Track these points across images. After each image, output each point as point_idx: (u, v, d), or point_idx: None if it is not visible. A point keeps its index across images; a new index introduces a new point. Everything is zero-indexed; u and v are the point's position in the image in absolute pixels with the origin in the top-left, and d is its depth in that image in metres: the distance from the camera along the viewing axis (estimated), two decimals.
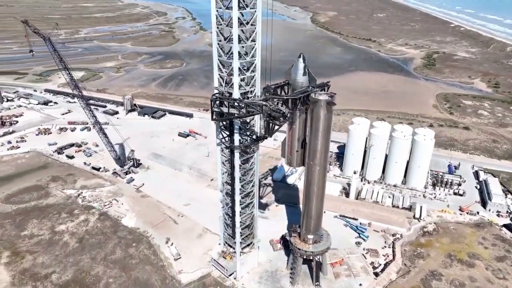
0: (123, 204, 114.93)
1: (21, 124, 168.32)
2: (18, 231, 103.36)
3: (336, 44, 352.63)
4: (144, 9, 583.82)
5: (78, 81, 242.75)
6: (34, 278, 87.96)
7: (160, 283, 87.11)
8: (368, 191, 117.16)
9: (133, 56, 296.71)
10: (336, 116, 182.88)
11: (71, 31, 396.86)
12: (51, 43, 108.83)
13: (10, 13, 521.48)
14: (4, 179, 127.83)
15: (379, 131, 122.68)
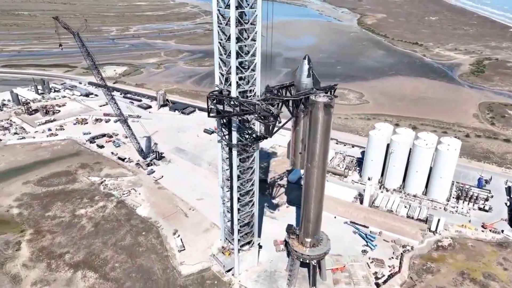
0: (140, 194, 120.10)
1: (62, 114, 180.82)
2: (44, 211, 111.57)
3: (379, 47, 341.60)
4: (193, 8, 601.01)
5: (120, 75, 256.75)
6: (50, 256, 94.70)
7: (161, 272, 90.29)
8: (383, 199, 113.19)
9: (175, 54, 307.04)
10: (365, 120, 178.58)
11: (122, 28, 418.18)
12: (79, 38, 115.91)
13: (71, 10, 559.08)
14: (40, 163, 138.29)
15: (400, 138, 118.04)
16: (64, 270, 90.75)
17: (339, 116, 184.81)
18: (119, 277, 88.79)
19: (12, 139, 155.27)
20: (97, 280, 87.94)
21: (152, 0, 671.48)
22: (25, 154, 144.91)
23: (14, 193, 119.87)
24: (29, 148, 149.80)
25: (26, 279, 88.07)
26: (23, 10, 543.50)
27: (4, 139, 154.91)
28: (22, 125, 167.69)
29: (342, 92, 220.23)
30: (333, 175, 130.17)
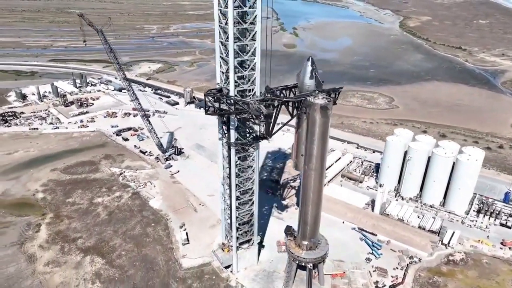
0: (155, 186, 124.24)
1: (95, 106, 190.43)
2: (65, 198, 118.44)
3: (418, 51, 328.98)
4: None
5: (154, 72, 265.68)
6: (64, 240, 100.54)
7: (163, 263, 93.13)
8: (395, 208, 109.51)
9: (209, 52, 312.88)
10: (391, 126, 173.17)
11: (163, 27, 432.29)
12: (103, 35, 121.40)
13: (118, 9, 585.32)
14: (69, 152, 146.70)
15: (419, 145, 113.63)
16: (75, 253, 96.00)
17: (364, 120, 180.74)
18: (123, 264, 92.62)
19: (47, 128, 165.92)
20: (103, 265, 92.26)
21: (195, 0, 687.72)
22: (56, 143, 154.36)
23: (42, 179, 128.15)
24: (61, 137, 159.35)
25: (41, 259, 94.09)
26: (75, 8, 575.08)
27: (40, 128, 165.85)
28: (58, 115, 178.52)
29: (371, 96, 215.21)
30: (348, 179, 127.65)
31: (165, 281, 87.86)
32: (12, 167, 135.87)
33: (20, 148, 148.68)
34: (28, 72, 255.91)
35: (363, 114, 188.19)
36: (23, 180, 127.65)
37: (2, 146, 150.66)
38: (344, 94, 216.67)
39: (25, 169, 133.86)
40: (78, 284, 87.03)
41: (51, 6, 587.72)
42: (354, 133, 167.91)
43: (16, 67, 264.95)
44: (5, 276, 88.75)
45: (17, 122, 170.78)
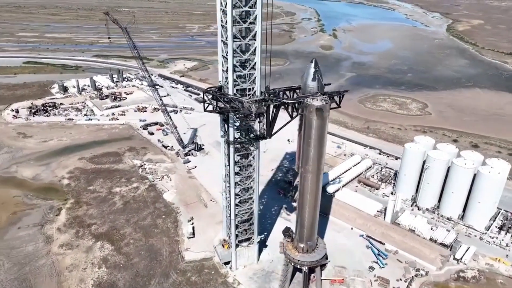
0: (171, 180, 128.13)
1: (128, 101, 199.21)
2: (87, 185, 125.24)
3: (463, 56, 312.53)
4: (276, 9, 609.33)
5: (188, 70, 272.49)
6: (80, 225, 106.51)
7: (167, 254, 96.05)
8: (408, 217, 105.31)
9: None
10: (420, 133, 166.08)
11: (204, 26, 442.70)
12: (127, 32, 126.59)
13: (164, 8, 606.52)
14: (97, 143, 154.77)
15: (438, 154, 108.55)
16: (88, 238, 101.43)
17: (392, 126, 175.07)
18: (130, 252, 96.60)
19: (81, 119, 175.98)
20: (111, 252, 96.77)
21: None
22: (88, 134, 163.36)
23: (69, 166, 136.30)
24: (92, 128, 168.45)
25: (56, 241, 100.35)
26: (124, 7, 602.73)
27: (75, 119, 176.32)
28: (92, 108, 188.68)
29: (403, 101, 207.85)
30: (365, 185, 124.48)
31: (166, 272, 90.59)
32: (45, 154, 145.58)
33: (55, 137, 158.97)
34: (73, 66, 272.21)
35: (392, 120, 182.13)
36: (52, 166, 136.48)
37: (40, 134, 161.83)
38: (375, 98, 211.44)
39: (56, 157, 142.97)
40: (86, 267, 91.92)
41: (104, 5, 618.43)
42: (379, 138, 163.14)
43: (63, 61, 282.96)
44: (23, 254, 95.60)
45: (55, 112, 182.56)
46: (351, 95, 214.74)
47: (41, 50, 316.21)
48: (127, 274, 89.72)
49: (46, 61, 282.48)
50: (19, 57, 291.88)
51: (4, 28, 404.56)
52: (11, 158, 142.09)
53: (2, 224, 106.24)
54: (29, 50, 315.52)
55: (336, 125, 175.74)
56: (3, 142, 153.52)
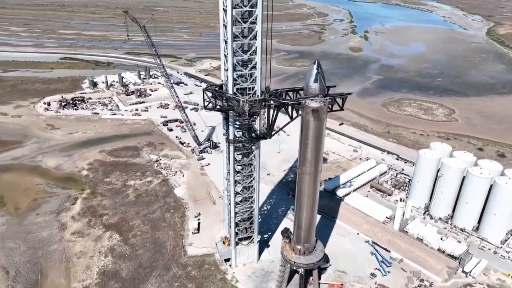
0: (184, 176, 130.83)
1: (152, 97, 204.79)
2: (104, 177, 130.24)
3: (501, 61, 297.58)
4: (309, 10, 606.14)
5: (214, 69, 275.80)
6: (92, 214, 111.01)
7: (170, 248, 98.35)
8: (417, 226, 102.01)
9: (273, 52, 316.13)
10: (443, 140, 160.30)
11: None
12: (146, 31, 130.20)
13: (198, 7, 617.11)
14: (119, 137, 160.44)
15: (453, 162, 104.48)
16: (98, 228, 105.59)
17: (414, 131, 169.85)
18: (136, 243, 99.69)
19: (106, 114, 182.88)
20: (119, 242, 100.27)
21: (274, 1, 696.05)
22: (111, 128, 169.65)
23: (89, 158, 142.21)
24: (116, 123, 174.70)
25: (69, 228, 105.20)
26: (160, 6, 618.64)
27: (100, 113, 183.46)
28: (118, 103, 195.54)
29: (429, 106, 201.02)
30: (377, 191, 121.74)
31: (168, 265, 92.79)
32: (70, 145, 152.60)
33: (80, 130, 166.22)
34: (105, 62, 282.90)
35: (415, 125, 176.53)
36: (74, 157, 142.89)
37: (67, 126, 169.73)
38: (399, 102, 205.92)
39: (79, 148, 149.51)
40: (93, 255, 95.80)
41: (141, 4, 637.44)
42: (399, 143, 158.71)
43: (96, 57, 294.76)
44: (38, 239, 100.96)
45: (83, 106, 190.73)
46: (375, 98, 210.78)
47: (78, 47, 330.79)
48: (130, 265, 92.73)
49: (81, 57, 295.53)
50: (57, 53, 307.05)
51: (47, 26, 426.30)
52: (38, 148, 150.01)
53: (23, 210, 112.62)
54: (67, 46, 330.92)
55: (355, 128, 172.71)
56: (33, 133, 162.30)
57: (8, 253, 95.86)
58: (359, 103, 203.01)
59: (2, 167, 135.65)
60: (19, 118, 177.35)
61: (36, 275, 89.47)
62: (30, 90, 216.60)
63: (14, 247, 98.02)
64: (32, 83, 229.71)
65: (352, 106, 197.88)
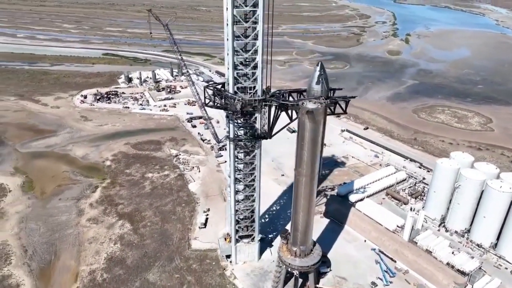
0: (199, 172, 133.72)
1: (181, 94, 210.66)
2: (124, 168, 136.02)
3: None
4: (351, 11, 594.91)
5: None
6: (109, 203, 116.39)
7: (176, 240, 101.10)
8: (428, 237, 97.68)
9: (305, 54, 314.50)
10: (474, 150, 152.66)
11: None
12: (168, 29, 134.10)
13: None
14: (144, 131, 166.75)
15: (471, 173, 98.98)
16: (112, 216, 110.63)
17: (443, 139, 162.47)
18: (145, 234, 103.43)
19: (136, 108, 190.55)
20: (129, 231, 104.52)
21: (316, 2, 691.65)
22: (138, 122, 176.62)
23: (114, 150, 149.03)
24: (144, 117, 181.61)
25: (86, 214, 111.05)
26: (203, 6, 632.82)
27: (131, 108, 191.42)
28: (149, 99, 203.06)
29: (464, 114, 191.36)
30: (392, 198, 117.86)
31: (171, 256, 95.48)
32: (98, 137, 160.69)
33: (110, 122, 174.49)
34: (143, 59, 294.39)
35: (445, 133, 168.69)
36: (101, 148, 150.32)
37: (98, 119, 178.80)
38: (432, 109, 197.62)
39: (106, 140, 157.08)
40: (104, 241, 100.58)
41: (185, 4, 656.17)
42: (425, 151, 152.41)
43: (135, 54, 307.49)
44: (57, 222, 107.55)
45: (116, 100, 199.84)
46: (406, 104, 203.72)
47: (120, 43, 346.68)
48: (136, 253, 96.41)
49: (121, 53, 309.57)
50: (100, 49, 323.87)
51: (96, 23, 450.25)
52: (70, 138, 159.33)
53: (48, 194, 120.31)
54: (110, 43, 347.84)
55: (380, 133, 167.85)
56: (67, 123, 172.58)
57: (29, 233, 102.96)
58: (388, 108, 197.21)
59: (36, 153, 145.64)
60: (57, 109, 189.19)
61: (50, 256, 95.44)
62: (71, 83, 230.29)
63: (35, 228, 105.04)
64: (74, 76, 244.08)
65: (381, 111, 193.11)
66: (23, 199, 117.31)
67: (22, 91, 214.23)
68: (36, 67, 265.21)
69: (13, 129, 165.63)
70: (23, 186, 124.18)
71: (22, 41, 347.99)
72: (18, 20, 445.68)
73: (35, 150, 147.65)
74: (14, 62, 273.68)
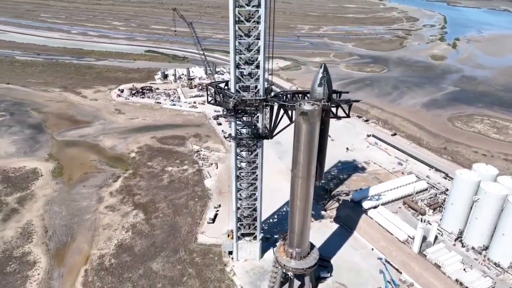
0: (217, 168, 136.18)
1: None
2: (147, 160, 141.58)
3: None
4: (399, 14, 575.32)
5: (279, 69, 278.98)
6: (127, 193, 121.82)
7: (184, 233, 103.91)
8: (439, 250, 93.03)
9: (343, 56, 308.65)
10: (509, 163, 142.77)
11: (314, 27, 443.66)
12: (193, 27, 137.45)
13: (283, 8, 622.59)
14: (171, 126, 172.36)
15: (491, 187, 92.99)
16: (128, 205, 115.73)
17: (476, 150, 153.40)
18: (155, 224, 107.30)
19: (167, 104, 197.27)
20: (141, 220, 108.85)
21: (362, 3, 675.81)
22: (167, 117, 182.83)
23: (140, 142, 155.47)
24: (173, 113, 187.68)
25: (105, 202, 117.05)
26: None
27: (162, 103, 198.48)
28: (180, 95, 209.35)
29: (505, 125, 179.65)
30: (409, 208, 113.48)
31: (177, 248, 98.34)
32: (128, 129, 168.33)
33: (141, 116, 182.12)
34: (182, 57, 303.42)
35: (480, 144, 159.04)
36: (128, 140, 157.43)
37: (130, 112, 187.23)
38: (470, 117, 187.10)
39: (135, 133, 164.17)
40: (117, 229, 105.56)
41: None
42: (454, 162, 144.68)
43: (175, 52, 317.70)
44: (78, 207, 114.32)
45: (150, 95, 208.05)
46: (442, 111, 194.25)
47: (163, 41, 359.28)
48: (145, 242, 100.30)
49: (162, 51, 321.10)
50: (144, 46, 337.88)
51: (143, 21, 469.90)
52: (102, 129, 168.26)
53: (74, 181, 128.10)
54: (153, 41, 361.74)
55: (408, 140, 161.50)
56: (102, 115, 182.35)
57: (52, 216, 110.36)
58: (421, 115, 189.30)
59: (70, 142, 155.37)
60: (95, 102, 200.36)
61: (67, 238, 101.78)
62: (111, 78, 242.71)
63: (58, 211, 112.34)
64: (115, 71, 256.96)
65: (413, 117, 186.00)
66: (51, 184, 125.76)
67: (67, 83, 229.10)
68: (83, 61, 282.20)
69: (53, 118, 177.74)
70: (53, 171, 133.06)
71: (75, 37, 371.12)
72: (75, 17, 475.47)
73: (69, 139, 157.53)
74: (64, 56, 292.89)
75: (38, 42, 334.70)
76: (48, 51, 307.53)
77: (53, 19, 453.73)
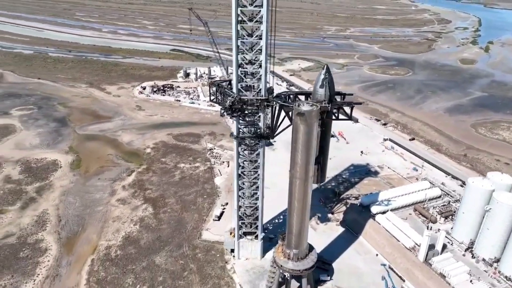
0: (228, 167, 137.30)
1: None
2: (161, 156, 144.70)
3: None
4: (430, 16, 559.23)
5: (301, 69, 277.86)
6: (139, 187, 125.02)
7: (190, 229, 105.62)
8: (446, 260, 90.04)
9: (368, 58, 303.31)
10: None
11: (341, 29, 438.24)
12: (208, 27, 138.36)
13: (311, 9, 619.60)
14: (188, 124, 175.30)
15: (504, 197, 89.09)
16: (139, 199, 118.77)
17: (498, 158, 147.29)
18: (163, 219, 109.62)
19: (186, 102, 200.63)
20: (150, 215, 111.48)
21: (393, 5, 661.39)
22: (185, 115, 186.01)
23: (157, 139, 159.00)
24: (191, 111, 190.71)
25: (117, 195, 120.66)
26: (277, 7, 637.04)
27: (182, 101, 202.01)
28: (200, 93, 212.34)
29: None
30: (419, 215, 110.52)
31: (181, 243, 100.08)
32: (146, 125, 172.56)
33: (160, 113, 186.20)
34: (205, 56, 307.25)
35: (503, 152, 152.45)
36: (146, 136, 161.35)
37: (150, 109, 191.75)
38: (495, 124, 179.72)
39: (152, 129, 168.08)
40: (126, 221, 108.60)
41: None
42: (473, 169, 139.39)
43: (199, 51, 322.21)
44: (91, 199, 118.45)
45: (170, 93, 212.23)
46: (466, 117, 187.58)
47: (188, 40, 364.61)
48: (151, 236, 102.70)
49: (187, 50, 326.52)
50: (170, 45, 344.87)
51: (171, 21, 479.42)
52: (121, 124, 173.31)
53: (90, 173, 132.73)
54: (179, 40, 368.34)
55: (427, 145, 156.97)
56: (123, 111, 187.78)
57: (66, 206, 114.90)
58: (443, 120, 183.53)
59: (90, 136, 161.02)
60: (117, 98, 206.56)
61: (78, 228, 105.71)
62: (135, 75, 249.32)
63: (73, 202, 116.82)
64: (140, 69, 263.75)
65: (434, 122, 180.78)
66: (69, 175, 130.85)
67: (93, 79, 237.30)
68: (110, 58, 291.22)
69: (77, 112, 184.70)
70: (72, 163, 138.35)
71: (105, 35, 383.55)
72: (107, 16, 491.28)
73: (90, 133, 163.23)
74: (93, 54, 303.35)
75: (71, 39, 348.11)
76: (79, 48, 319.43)
77: (87, 18, 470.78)
